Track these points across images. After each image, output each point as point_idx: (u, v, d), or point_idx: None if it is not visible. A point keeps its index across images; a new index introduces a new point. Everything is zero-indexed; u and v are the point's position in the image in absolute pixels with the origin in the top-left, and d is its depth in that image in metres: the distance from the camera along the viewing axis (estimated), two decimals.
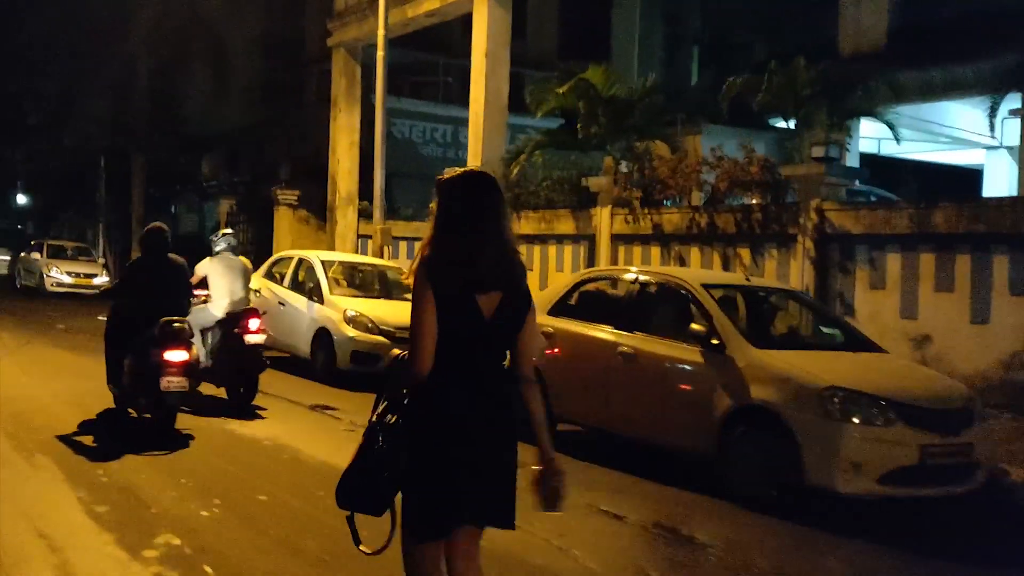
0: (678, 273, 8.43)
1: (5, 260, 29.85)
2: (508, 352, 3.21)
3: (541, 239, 15.89)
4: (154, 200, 31.13)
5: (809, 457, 6.25)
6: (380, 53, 15.16)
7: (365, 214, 20.91)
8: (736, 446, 6.71)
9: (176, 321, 7.85)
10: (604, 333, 7.82)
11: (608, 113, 14.53)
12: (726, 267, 12.81)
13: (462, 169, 3.22)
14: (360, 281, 12.88)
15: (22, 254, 27.52)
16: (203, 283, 9.58)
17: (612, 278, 8.81)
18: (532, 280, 16.02)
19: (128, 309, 8.15)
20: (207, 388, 9.39)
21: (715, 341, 6.99)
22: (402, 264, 15.88)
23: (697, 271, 10.90)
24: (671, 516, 6.36)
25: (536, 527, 5.49)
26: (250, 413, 9.14)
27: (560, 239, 15.57)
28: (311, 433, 8.64)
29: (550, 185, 15.78)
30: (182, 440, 7.82)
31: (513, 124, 29.81)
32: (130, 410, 8.30)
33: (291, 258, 13.44)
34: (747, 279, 8.53)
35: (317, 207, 24.83)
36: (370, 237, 17.13)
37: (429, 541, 3.10)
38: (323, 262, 12.53)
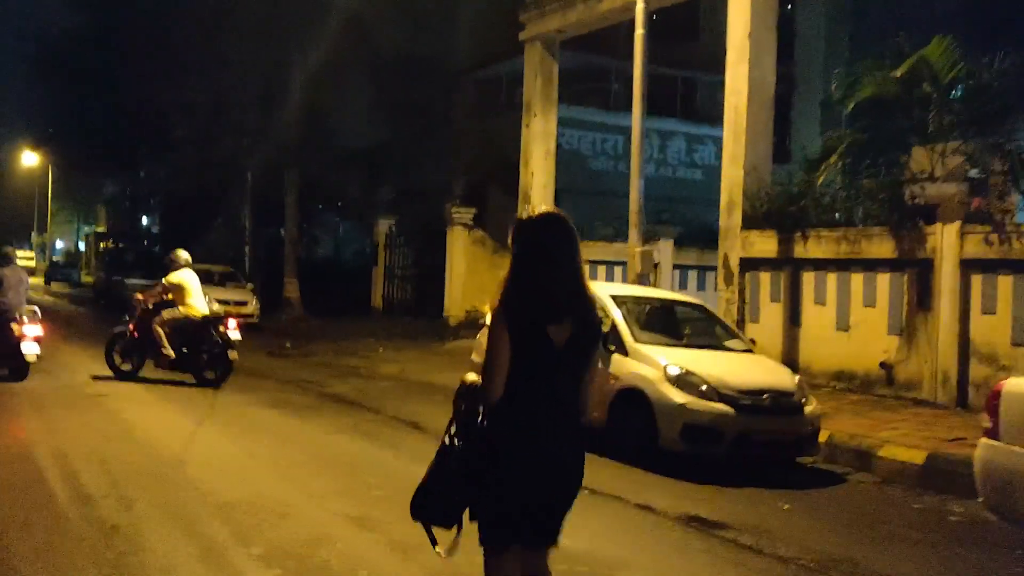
0: None
1: (142, 285, 27.40)
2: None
3: (840, 265, 12.38)
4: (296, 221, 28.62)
5: None
6: (639, 32, 12.00)
7: None
8: None
9: (32, 310, 11.21)
10: None
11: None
12: None
13: (538, 211, 3.41)
14: (662, 323, 9.62)
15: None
16: (168, 293, 11.70)
17: None
18: (827, 317, 12.57)
19: None
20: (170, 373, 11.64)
21: None
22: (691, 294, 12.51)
23: None
24: None
25: None
26: None
27: (870, 265, 12.05)
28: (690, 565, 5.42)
29: (853, 196, 12.33)
30: None
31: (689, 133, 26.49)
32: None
33: None
34: None
35: (483, 227, 22.03)
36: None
37: (503, 550, 3.26)
38: (614, 297, 9.33)
